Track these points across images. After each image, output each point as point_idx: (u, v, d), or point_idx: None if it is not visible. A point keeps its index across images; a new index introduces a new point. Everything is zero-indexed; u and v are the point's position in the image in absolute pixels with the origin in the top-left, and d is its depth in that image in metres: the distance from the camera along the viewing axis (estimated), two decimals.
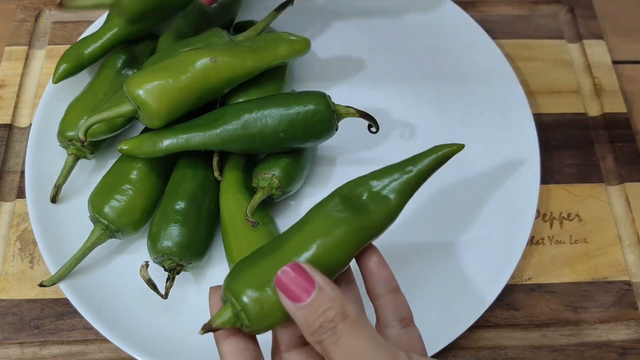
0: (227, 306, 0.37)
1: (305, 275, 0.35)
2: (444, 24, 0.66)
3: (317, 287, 0.34)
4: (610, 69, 0.67)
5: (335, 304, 0.34)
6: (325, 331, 0.34)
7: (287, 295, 0.35)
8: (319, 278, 0.35)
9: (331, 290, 0.34)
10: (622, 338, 0.53)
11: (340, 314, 0.34)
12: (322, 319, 0.34)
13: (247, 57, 0.53)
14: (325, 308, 0.34)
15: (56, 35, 0.68)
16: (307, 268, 0.35)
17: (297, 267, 0.35)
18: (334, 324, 0.34)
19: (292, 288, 0.35)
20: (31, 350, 0.52)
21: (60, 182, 0.54)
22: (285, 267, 0.35)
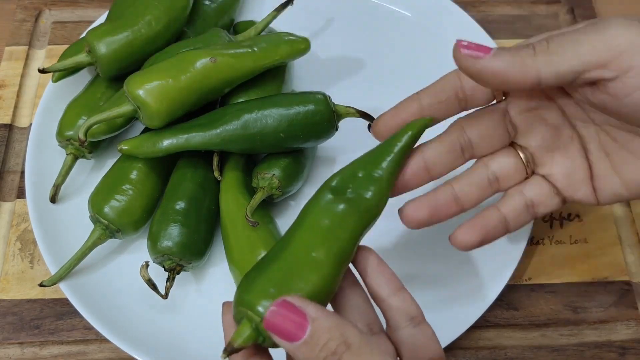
0: (244, 322, 0.35)
1: (295, 310, 0.32)
2: (444, 23, 0.66)
3: (310, 319, 0.32)
4: None
5: (334, 334, 0.32)
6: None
7: (282, 336, 0.32)
8: (310, 309, 0.32)
9: (326, 319, 0.32)
10: (622, 338, 0.53)
11: (343, 344, 0.31)
12: (324, 353, 0.31)
13: (247, 57, 0.53)
14: (325, 340, 0.31)
15: (56, 35, 0.68)
16: (296, 301, 0.32)
17: (285, 303, 0.32)
18: (339, 356, 0.31)
19: (284, 327, 0.32)
20: (31, 350, 0.52)
21: (59, 182, 0.54)
22: (272, 307, 0.32)
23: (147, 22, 0.54)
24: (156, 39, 0.55)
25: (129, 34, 0.53)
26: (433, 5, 0.67)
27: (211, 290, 0.53)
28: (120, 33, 0.53)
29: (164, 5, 0.55)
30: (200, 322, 0.51)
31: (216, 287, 0.53)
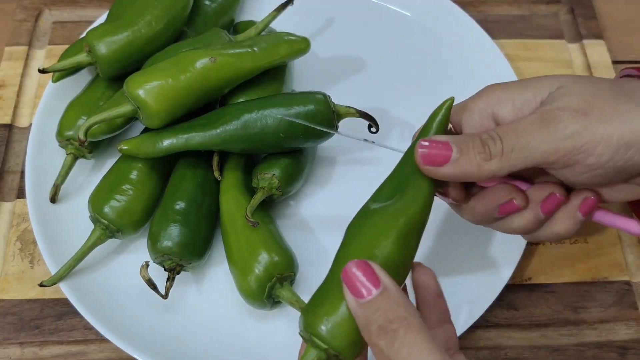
0: (308, 345, 0.36)
1: (371, 273, 0.34)
2: (444, 24, 0.66)
3: (382, 286, 0.34)
4: (610, 69, 0.67)
5: (398, 308, 0.33)
6: (386, 333, 0.33)
7: (351, 290, 0.34)
8: (385, 279, 0.34)
9: (396, 293, 0.34)
10: (622, 338, 0.53)
11: (404, 319, 0.33)
12: (383, 320, 0.33)
13: (247, 57, 0.53)
14: (387, 309, 0.33)
15: (56, 35, 0.68)
16: (375, 267, 0.35)
17: (364, 264, 0.34)
18: (395, 327, 0.33)
19: (356, 283, 0.34)
20: (31, 350, 0.52)
21: (59, 182, 0.54)
22: (352, 262, 0.34)
23: (147, 22, 0.54)
24: (156, 39, 0.55)
25: (129, 34, 0.53)
26: (433, 5, 0.67)
27: (211, 290, 0.53)
28: (120, 33, 0.53)
29: (164, 5, 0.55)
30: (200, 322, 0.51)
31: (216, 287, 0.53)
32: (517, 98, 0.40)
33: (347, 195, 0.57)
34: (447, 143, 0.38)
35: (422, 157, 0.38)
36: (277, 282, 0.48)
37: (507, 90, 0.41)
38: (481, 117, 0.41)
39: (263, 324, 0.51)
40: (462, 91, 0.62)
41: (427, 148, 0.38)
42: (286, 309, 0.51)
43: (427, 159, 0.38)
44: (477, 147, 0.38)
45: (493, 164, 0.38)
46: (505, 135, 0.38)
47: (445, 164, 0.38)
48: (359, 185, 0.57)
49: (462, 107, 0.43)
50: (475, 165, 0.38)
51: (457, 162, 0.38)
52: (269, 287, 0.48)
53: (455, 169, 0.38)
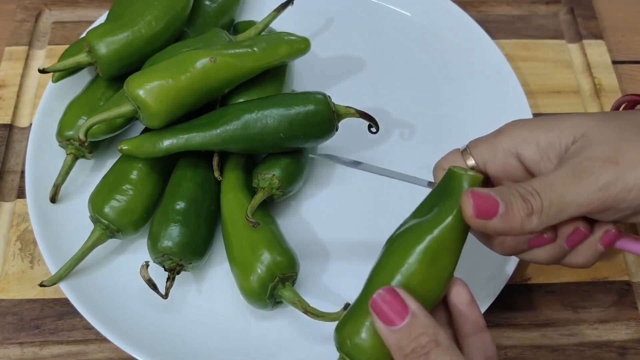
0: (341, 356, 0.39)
1: (399, 300, 0.36)
2: (444, 23, 0.66)
3: (410, 312, 0.36)
4: (610, 69, 0.67)
5: (428, 331, 0.35)
6: (418, 356, 0.35)
7: (381, 318, 0.36)
8: (412, 304, 0.36)
9: (424, 317, 0.36)
10: (622, 338, 0.53)
11: (433, 341, 0.35)
12: (415, 344, 0.35)
13: (247, 57, 0.53)
14: (418, 334, 0.35)
15: (56, 35, 0.68)
16: (402, 293, 0.36)
17: (391, 291, 0.36)
18: (427, 350, 0.35)
19: (386, 311, 0.36)
20: (31, 350, 0.52)
21: (59, 182, 0.54)
22: (381, 291, 0.36)
23: (147, 22, 0.54)
24: (156, 39, 0.55)
25: (129, 34, 0.53)
26: (433, 5, 0.67)
27: (211, 290, 0.53)
28: (120, 33, 0.53)
29: (164, 5, 0.55)
30: (200, 322, 0.51)
31: (216, 287, 0.53)
32: (541, 140, 0.41)
33: (347, 195, 0.57)
34: (492, 197, 0.38)
35: (475, 210, 0.37)
36: (279, 282, 0.48)
37: (532, 130, 0.41)
38: (505, 156, 0.42)
39: (264, 323, 0.51)
40: (462, 91, 0.63)
41: (477, 200, 0.37)
42: (287, 309, 0.51)
43: (479, 212, 0.37)
44: (520, 202, 0.38)
45: (534, 220, 0.38)
46: (542, 190, 0.38)
47: (493, 217, 0.37)
48: (359, 185, 0.58)
49: (485, 145, 0.43)
50: (519, 221, 0.38)
51: (503, 217, 0.38)
52: (271, 287, 0.48)
53: (501, 223, 0.38)
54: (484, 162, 0.42)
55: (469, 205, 0.37)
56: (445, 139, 0.60)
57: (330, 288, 0.53)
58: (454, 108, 0.62)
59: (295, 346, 0.50)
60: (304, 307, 0.47)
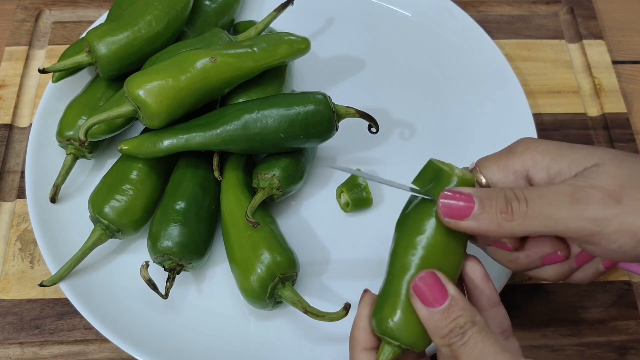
0: (383, 343, 0.40)
1: (439, 284, 0.37)
2: (444, 23, 0.66)
3: (450, 295, 0.37)
4: (610, 69, 0.67)
5: (465, 312, 0.37)
6: (456, 335, 0.36)
7: (423, 301, 0.37)
8: (451, 287, 0.37)
9: (462, 300, 0.37)
10: (622, 338, 0.53)
11: (470, 322, 0.37)
12: (453, 324, 0.37)
13: (247, 57, 0.53)
14: (456, 315, 0.37)
15: (56, 35, 0.68)
16: (441, 277, 0.38)
17: (432, 275, 0.38)
18: (464, 330, 0.36)
19: (427, 294, 0.37)
20: (31, 350, 0.52)
21: (59, 182, 0.54)
22: (422, 274, 0.38)
23: (147, 22, 0.54)
24: (156, 39, 0.55)
25: (129, 34, 0.53)
26: (433, 5, 0.67)
27: (211, 290, 0.53)
28: (120, 33, 0.53)
29: (164, 5, 0.55)
30: (200, 322, 0.51)
31: (216, 287, 0.53)
32: (552, 167, 0.40)
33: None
34: (471, 196, 0.38)
35: (443, 209, 0.38)
36: (280, 282, 0.48)
37: (544, 155, 0.41)
38: (516, 178, 0.41)
39: (264, 323, 0.51)
40: (462, 91, 0.63)
41: (450, 199, 0.38)
42: (287, 309, 0.51)
43: (448, 211, 0.38)
44: (501, 205, 0.38)
45: (514, 224, 0.38)
46: (532, 200, 0.38)
47: (465, 218, 0.38)
48: None
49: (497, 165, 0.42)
50: (495, 223, 0.38)
51: (477, 218, 0.38)
52: (272, 287, 0.48)
53: (474, 224, 0.38)
54: (494, 183, 0.42)
55: (439, 203, 0.38)
56: (445, 139, 0.60)
57: (330, 288, 0.53)
58: (454, 108, 0.62)
59: (295, 346, 0.50)
60: (304, 307, 0.47)
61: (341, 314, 0.46)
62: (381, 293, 0.40)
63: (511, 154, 0.42)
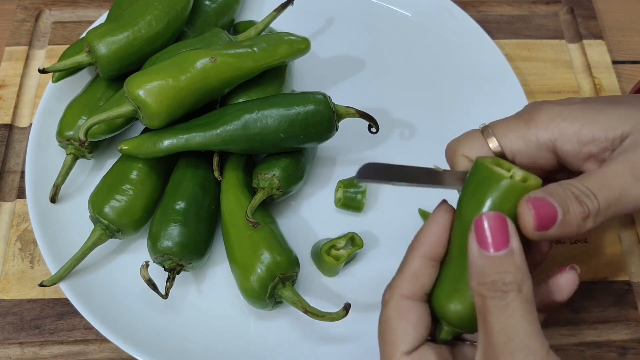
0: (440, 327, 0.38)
1: (504, 231, 0.34)
2: (444, 23, 0.66)
3: (510, 248, 0.34)
4: (610, 69, 0.67)
5: (517, 274, 0.33)
6: (495, 290, 0.33)
7: (478, 240, 0.34)
8: (515, 242, 0.34)
9: (521, 259, 0.34)
10: (622, 338, 0.53)
11: (516, 284, 0.33)
12: (498, 277, 0.33)
13: (247, 57, 0.53)
14: (506, 270, 0.33)
15: (56, 35, 0.68)
16: (510, 227, 0.34)
17: (501, 219, 0.34)
18: (507, 289, 0.33)
19: (486, 235, 0.34)
20: (31, 350, 0.52)
21: (59, 182, 0.54)
22: (491, 213, 0.34)
23: (147, 22, 0.54)
24: (156, 39, 0.55)
25: (129, 34, 0.53)
26: (433, 5, 0.67)
27: (211, 290, 0.53)
28: (120, 33, 0.53)
29: (164, 5, 0.55)
30: (200, 322, 0.51)
31: (216, 287, 0.53)
32: (583, 134, 0.38)
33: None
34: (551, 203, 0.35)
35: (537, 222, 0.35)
36: (280, 282, 0.48)
37: (573, 122, 0.38)
38: (539, 149, 0.39)
39: (264, 323, 0.51)
40: (462, 91, 0.63)
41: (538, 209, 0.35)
42: (287, 309, 0.51)
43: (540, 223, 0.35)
44: (576, 205, 0.35)
45: (590, 222, 0.36)
46: (599, 191, 0.36)
47: (551, 227, 0.35)
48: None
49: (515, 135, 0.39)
50: (576, 225, 0.35)
51: (561, 225, 0.35)
52: (271, 287, 0.48)
53: (559, 231, 0.35)
54: (513, 153, 0.39)
55: (529, 217, 0.35)
56: (445, 139, 0.60)
57: (330, 288, 0.53)
58: (454, 108, 0.62)
59: (295, 346, 0.50)
60: (304, 307, 0.47)
61: (341, 314, 0.46)
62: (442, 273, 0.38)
63: (532, 122, 0.39)
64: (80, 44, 0.57)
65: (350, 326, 0.50)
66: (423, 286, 0.37)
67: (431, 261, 0.37)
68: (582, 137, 0.38)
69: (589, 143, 0.38)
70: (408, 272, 0.38)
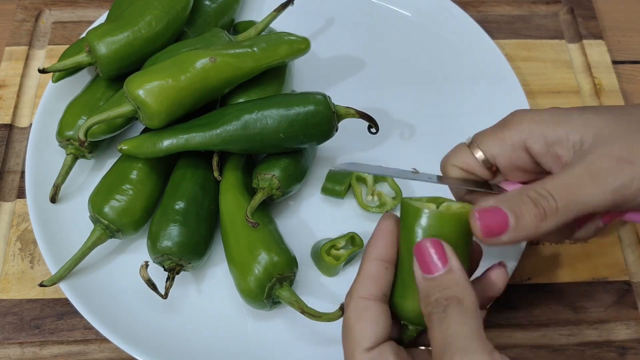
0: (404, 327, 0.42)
1: (441, 253, 0.37)
2: (444, 23, 0.66)
3: (448, 267, 0.36)
4: (610, 69, 0.67)
5: (457, 288, 0.36)
6: (437, 306, 0.36)
7: (420, 264, 0.37)
8: (454, 261, 0.37)
9: (460, 275, 0.37)
10: (622, 338, 0.53)
11: (456, 298, 0.36)
12: (439, 295, 0.36)
13: (247, 57, 0.53)
14: (446, 287, 0.36)
15: (56, 35, 0.68)
16: (447, 248, 0.37)
17: (437, 243, 0.37)
18: (447, 304, 0.36)
19: (427, 260, 0.37)
20: (31, 350, 0.52)
21: (59, 182, 0.54)
22: (427, 240, 0.37)
23: (147, 22, 0.54)
24: (156, 39, 0.55)
25: (129, 34, 0.53)
26: (433, 5, 0.67)
27: (211, 290, 0.53)
28: (120, 33, 0.53)
29: (164, 5, 0.55)
30: (200, 322, 0.51)
31: (216, 287, 0.53)
32: (549, 135, 0.41)
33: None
34: (502, 210, 0.38)
35: (483, 230, 0.37)
36: (277, 282, 0.48)
37: (540, 124, 0.41)
38: (514, 149, 0.42)
39: (263, 323, 0.51)
40: (461, 91, 0.63)
41: (484, 219, 0.37)
42: (285, 309, 0.51)
43: (487, 231, 0.37)
44: (531, 209, 0.38)
45: (549, 222, 0.38)
46: (558, 192, 0.38)
47: (504, 232, 0.37)
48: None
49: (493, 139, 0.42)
50: (533, 227, 0.38)
51: (515, 229, 0.37)
52: (269, 288, 0.48)
53: (514, 235, 0.38)
54: (493, 157, 0.42)
55: (476, 226, 0.37)
56: (445, 139, 0.60)
57: (330, 288, 0.53)
58: (454, 108, 0.62)
59: (292, 346, 0.50)
60: (301, 307, 0.47)
61: (337, 315, 0.46)
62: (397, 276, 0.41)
63: (506, 127, 0.42)
64: (80, 44, 0.57)
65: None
66: (379, 287, 0.40)
67: (384, 263, 0.40)
68: (548, 138, 0.41)
69: (554, 144, 0.40)
70: (363, 274, 0.40)
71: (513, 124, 0.42)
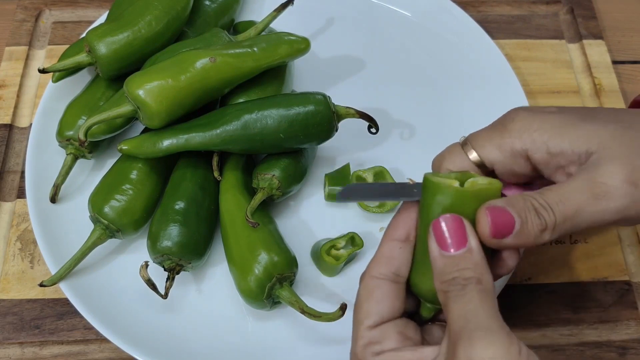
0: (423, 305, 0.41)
1: (462, 231, 0.36)
2: (444, 23, 0.66)
3: (468, 247, 0.36)
4: (610, 69, 0.67)
5: (476, 269, 0.36)
6: (456, 285, 0.35)
7: (438, 241, 0.36)
8: (473, 241, 0.36)
9: (479, 256, 0.36)
10: (622, 338, 0.53)
11: (476, 278, 0.35)
12: (458, 274, 0.35)
13: (247, 57, 0.53)
14: (465, 267, 0.36)
15: (56, 35, 0.68)
16: (467, 227, 0.36)
17: (458, 220, 0.36)
18: (466, 283, 0.35)
19: (445, 236, 0.36)
20: (31, 350, 0.52)
21: (59, 182, 0.54)
22: (448, 215, 0.36)
23: (147, 22, 0.54)
24: (156, 39, 0.55)
25: (129, 34, 0.53)
26: (433, 5, 0.67)
27: (211, 290, 0.53)
28: (120, 33, 0.53)
29: (164, 5, 0.55)
30: (200, 322, 0.51)
31: (216, 287, 0.53)
32: (552, 146, 0.40)
33: None
34: (510, 213, 0.37)
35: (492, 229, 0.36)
36: (277, 282, 0.48)
37: (542, 134, 0.40)
38: (514, 157, 0.41)
39: (263, 323, 0.51)
40: (462, 91, 0.63)
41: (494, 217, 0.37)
42: (286, 309, 0.51)
43: (496, 230, 0.37)
44: (534, 217, 0.37)
45: (546, 235, 0.37)
46: (556, 205, 0.37)
47: (509, 235, 0.37)
48: None
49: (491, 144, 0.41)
50: (533, 236, 0.37)
51: (518, 234, 0.37)
52: (269, 288, 0.48)
53: (516, 240, 0.37)
54: (491, 162, 0.41)
55: (486, 224, 0.37)
56: (445, 139, 0.60)
57: (330, 288, 0.53)
58: (454, 108, 0.62)
59: (293, 346, 0.50)
60: (301, 307, 0.47)
61: (337, 315, 0.46)
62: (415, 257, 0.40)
63: (506, 132, 0.41)
64: (80, 44, 0.57)
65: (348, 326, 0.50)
66: (391, 266, 0.40)
67: (398, 243, 0.40)
68: (551, 149, 0.40)
69: (557, 155, 0.40)
70: (377, 255, 0.40)
71: (514, 131, 0.41)
